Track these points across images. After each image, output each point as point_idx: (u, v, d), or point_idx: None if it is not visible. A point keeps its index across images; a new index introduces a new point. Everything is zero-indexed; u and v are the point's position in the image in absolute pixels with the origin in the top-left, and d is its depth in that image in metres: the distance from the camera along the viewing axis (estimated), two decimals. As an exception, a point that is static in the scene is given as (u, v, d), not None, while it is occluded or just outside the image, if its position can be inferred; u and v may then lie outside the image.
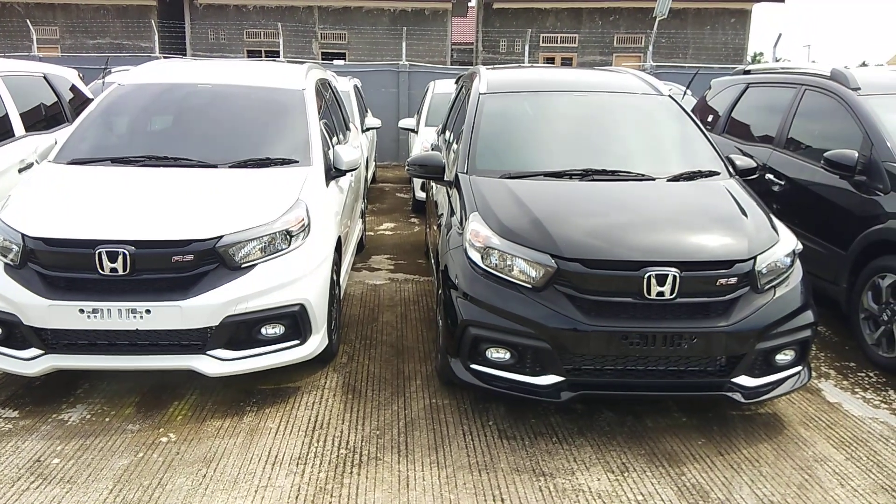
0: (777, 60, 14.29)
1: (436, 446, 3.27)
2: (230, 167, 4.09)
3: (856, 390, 4.00)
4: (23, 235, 3.42)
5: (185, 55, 20.28)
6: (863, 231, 4.42)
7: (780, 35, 12.35)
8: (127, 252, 3.30)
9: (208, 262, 3.42)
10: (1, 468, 3.00)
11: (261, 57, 20.51)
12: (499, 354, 3.36)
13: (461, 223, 3.75)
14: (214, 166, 4.09)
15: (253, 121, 4.55)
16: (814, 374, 4.16)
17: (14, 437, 3.25)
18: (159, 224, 3.46)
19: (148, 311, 3.31)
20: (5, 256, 3.46)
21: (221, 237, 3.43)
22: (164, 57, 14.12)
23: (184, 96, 4.73)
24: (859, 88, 4.94)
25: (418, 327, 4.82)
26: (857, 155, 4.53)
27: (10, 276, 3.41)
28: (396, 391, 3.83)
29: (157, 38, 16.47)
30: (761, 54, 34.74)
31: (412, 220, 8.72)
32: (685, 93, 8.73)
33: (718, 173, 4.14)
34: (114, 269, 3.31)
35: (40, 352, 3.41)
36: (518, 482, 3.00)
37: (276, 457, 3.15)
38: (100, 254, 3.30)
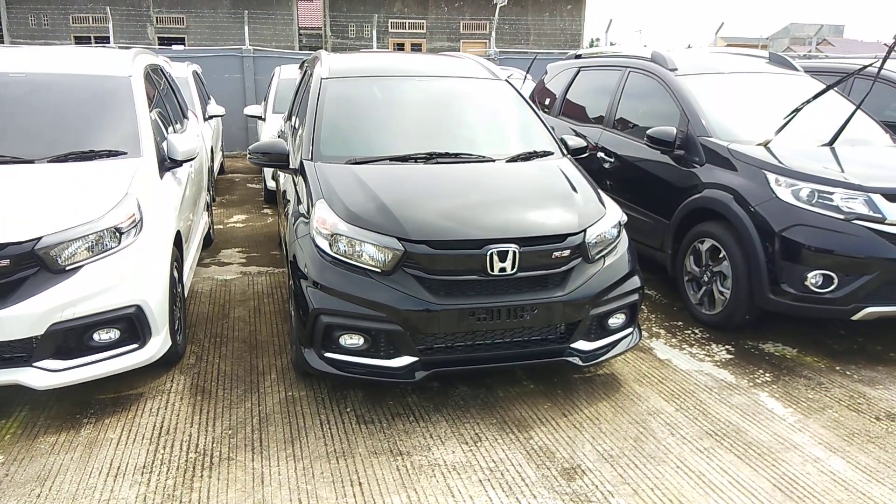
0: (612, 45, 15.23)
1: (292, 439, 3.22)
2: (49, 161, 3.76)
3: (683, 347, 4.39)
4: None
5: (1, 42, 18.32)
6: (683, 201, 4.85)
7: (611, 21, 13.16)
8: (-73, 261, 2.95)
9: (27, 266, 3.13)
10: None
11: (90, 43, 18.95)
12: (352, 340, 3.36)
13: (308, 211, 3.69)
14: (31, 161, 3.74)
15: (74, 111, 4.20)
16: (645, 334, 4.53)
17: None
18: (-34, 228, 3.12)
19: (-40, 325, 2.99)
20: None
21: (40, 238, 3.14)
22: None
23: (-8, 87, 4.28)
24: (676, 69, 5.38)
25: (273, 320, 4.71)
26: (675, 131, 4.94)
27: None
28: (250, 388, 3.73)
29: (-38, 22, 14.74)
30: (598, 39, 36.79)
31: (265, 210, 8.47)
32: (525, 77, 9.09)
33: (552, 153, 4.36)
34: (-88, 282, 2.95)
35: None
36: (376, 464, 3.03)
37: (119, 468, 2.97)
38: None
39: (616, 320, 3.66)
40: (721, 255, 4.50)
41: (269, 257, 6.32)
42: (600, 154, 5.82)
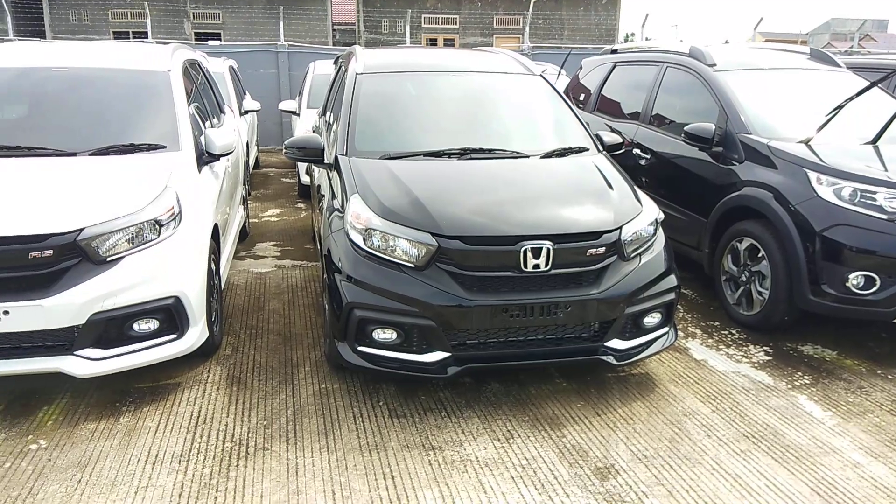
0: (647, 40, 15.04)
1: (325, 431, 3.25)
2: (91, 155, 3.84)
3: (720, 347, 4.32)
4: None
5: (44, 38, 18.77)
6: (721, 199, 4.77)
7: (647, 15, 13.00)
8: (-24, 249, 3.04)
9: (70, 256, 3.20)
10: None
11: (128, 38, 19.31)
12: (385, 335, 3.38)
13: (342, 206, 3.72)
14: (73, 154, 3.83)
15: (115, 105, 4.28)
16: (681, 333, 4.47)
17: None
18: (12, 219, 3.19)
19: (6, 313, 3.07)
20: None
21: (82, 230, 3.21)
22: (20, 40, 12.98)
23: (38, 81, 4.38)
24: (715, 65, 5.29)
25: (307, 313, 4.75)
26: (714, 127, 4.86)
27: None
28: (284, 379, 3.77)
29: (10, 19, 15.11)
30: (633, 34, 36.37)
31: (298, 205, 8.55)
32: (560, 73, 9.02)
33: (587, 149, 4.32)
34: (-36, 270, 3.04)
35: None
36: (408, 458, 3.05)
37: (157, 456, 3.03)
38: (-53, 254, 3.02)
39: (651, 319, 3.61)
40: (760, 255, 4.42)
41: (302, 251, 6.38)
42: (636, 150, 5.75)
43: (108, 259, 3.27)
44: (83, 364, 3.24)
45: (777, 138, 4.59)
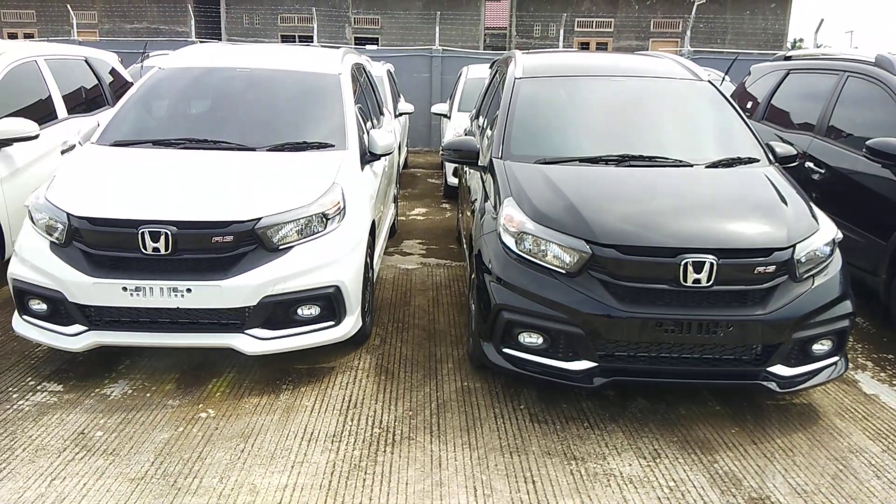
0: (818, 46, 13.95)
1: (467, 428, 3.30)
2: (268, 150, 4.15)
3: (894, 382, 3.93)
4: (68, 215, 3.51)
5: (219, 39, 20.49)
6: (905, 221, 4.32)
7: (822, 20, 12.04)
8: (169, 232, 3.38)
9: (247, 243, 3.48)
10: (47, 439, 3.11)
11: (295, 42, 20.63)
12: (531, 339, 3.37)
13: (495, 208, 3.75)
14: (253, 149, 4.15)
15: (290, 105, 4.60)
16: (851, 365, 4.10)
17: (59, 410, 3.36)
18: (200, 205, 3.53)
19: (189, 290, 3.39)
20: (51, 235, 3.56)
21: (260, 219, 3.49)
22: (200, 41, 14.27)
23: (223, 80, 4.80)
24: (905, 75, 4.81)
25: (450, 312, 4.85)
26: (901, 143, 4.41)
27: (56, 254, 3.51)
28: (428, 373, 3.87)
29: (193, 22, 16.66)
30: (801, 40, 33.90)
31: (444, 205, 8.74)
32: (723, 79, 8.58)
33: (758, 160, 4.08)
34: (156, 249, 3.39)
35: (84, 328, 3.51)
36: (549, 465, 3.02)
37: (312, 434, 3.22)
38: (143, 233, 3.38)
39: (821, 347, 3.35)
40: (949, 285, 3.96)
41: (447, 250, 6.52)
42: (808, 164, 5.35)
43: (280, 247, 3.52)
44: (252, 342, 3.50)
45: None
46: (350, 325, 3.76)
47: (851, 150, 4.99)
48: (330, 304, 3.63)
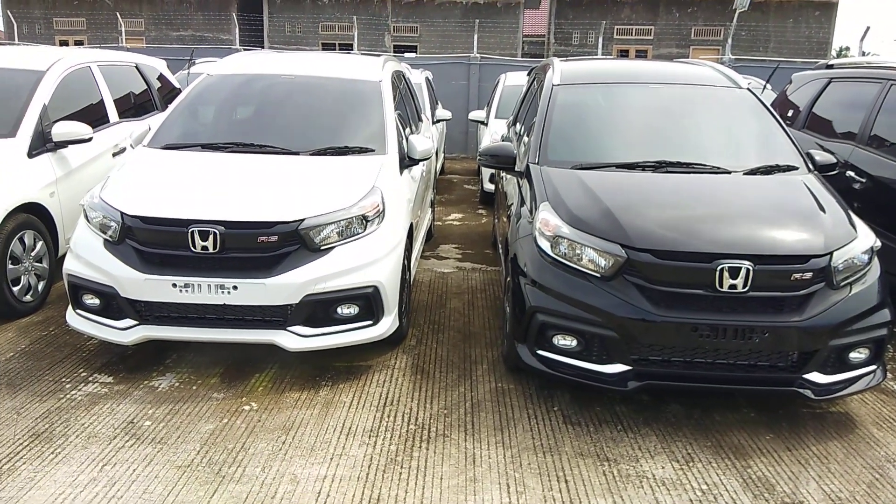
0: (864, 55, 13.68)
1: (501, 427, 3.36)
2: (311, 154, 4.29)
3: (936, 395, 3.88)
4: (122, 213, 3.68)
5: (262, 47, 20.93)
6: (949, 231, 4.26)
7: (868, 28, 11.81)
8: (217, 232, 3.52)
9: (291, 243, 3.61)
10: (98, 427, 3.26)
11: (335, 49, 20.96)
12: (565, 341, 3.42)
13: (531, 212, 3.81)
14: (297, 153, 4.29)
15: (332, 110, 4.74)
16: (889, 374, 4.05)
17: (110, 401, 3.52)
18: (247, 206, 3.66)
19: (235, 288, 3.52)
20: (105, 233, 3.73)
21: (303, 220, 3.61)
22: (244, 49, 14.62)
23: (268, 86, 4.96)
24: (951, 84, 4.74)
25: (485, 315, 4.92)
26: (946, 153, 4.35)
27: (109, 251, 3.67)
28: (463, 374, 3.94)
29: (237, 30, 17.06)
30: (847, 49, 33.20)
31: (480, 211, 8.81)
32: (765, 87, 8.48)
33: (796, 168, 4.07)
34: (205, 248, 3.53)
35: (135, 322, 3.67)
36: (582, 465, 3.07)
37: (350, 428, 3.31)
38: (192, 232, 3.52)
39: (858, 355, 3.33)
40: None
41: (482, 255, 6.59)
42: (849, 173, 5.29)
43: (322, 248, 3.64)
44: (294, 339, 3.62)
45: None
46: (387, 324, 3.86)
47: (894, 160, 4.92)
48: (368, 303, 3.73)
